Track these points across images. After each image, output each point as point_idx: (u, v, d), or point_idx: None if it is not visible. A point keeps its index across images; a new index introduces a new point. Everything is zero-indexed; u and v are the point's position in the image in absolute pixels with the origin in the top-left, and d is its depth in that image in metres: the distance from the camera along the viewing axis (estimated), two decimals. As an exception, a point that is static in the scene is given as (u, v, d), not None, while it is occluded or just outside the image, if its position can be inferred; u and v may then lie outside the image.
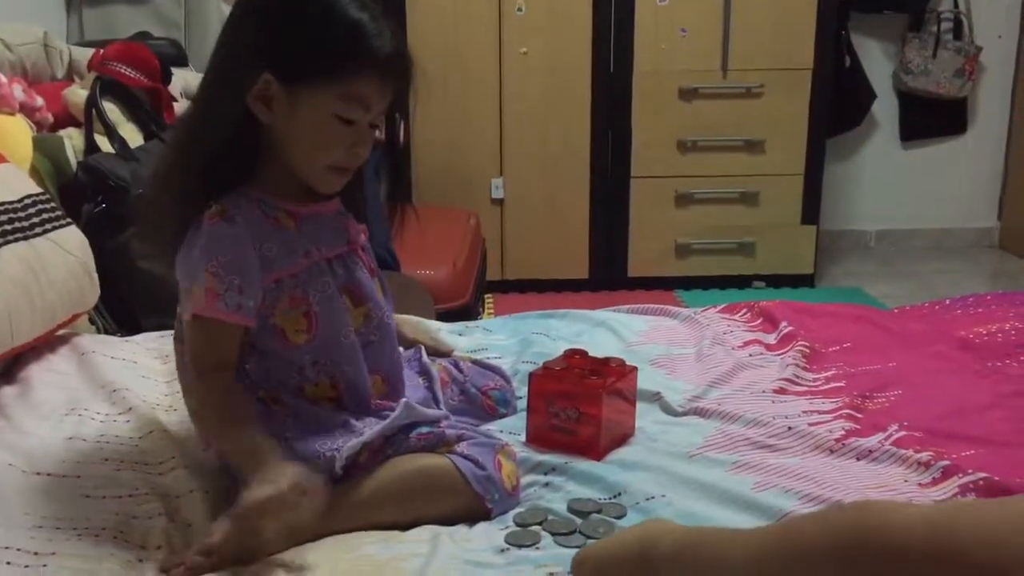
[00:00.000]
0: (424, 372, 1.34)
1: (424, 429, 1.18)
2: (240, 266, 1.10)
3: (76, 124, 2.03)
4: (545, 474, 1.22)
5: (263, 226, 1.13)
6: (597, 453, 1.25)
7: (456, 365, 1.39)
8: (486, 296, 3.29)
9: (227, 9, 2.89)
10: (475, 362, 1.42)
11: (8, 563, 0.99)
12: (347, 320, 1.18)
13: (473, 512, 1.12)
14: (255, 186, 1.15)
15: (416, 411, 1.19)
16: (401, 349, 1.31)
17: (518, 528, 1.10)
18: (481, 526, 1.12)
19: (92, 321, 1.80)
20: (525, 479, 1.21)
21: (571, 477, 1.21)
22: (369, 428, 1.14)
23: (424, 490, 1.12)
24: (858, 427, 1.34)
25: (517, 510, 1.14)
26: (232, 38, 1.13)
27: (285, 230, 1.15)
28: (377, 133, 1.17)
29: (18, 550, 1.02)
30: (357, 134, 1.13)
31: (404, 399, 1.20)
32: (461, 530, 1.10)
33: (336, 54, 1.09)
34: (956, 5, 3.87)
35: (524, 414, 1.33)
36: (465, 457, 1.14)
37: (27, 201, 1.58)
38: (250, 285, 1.11)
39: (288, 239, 1.14)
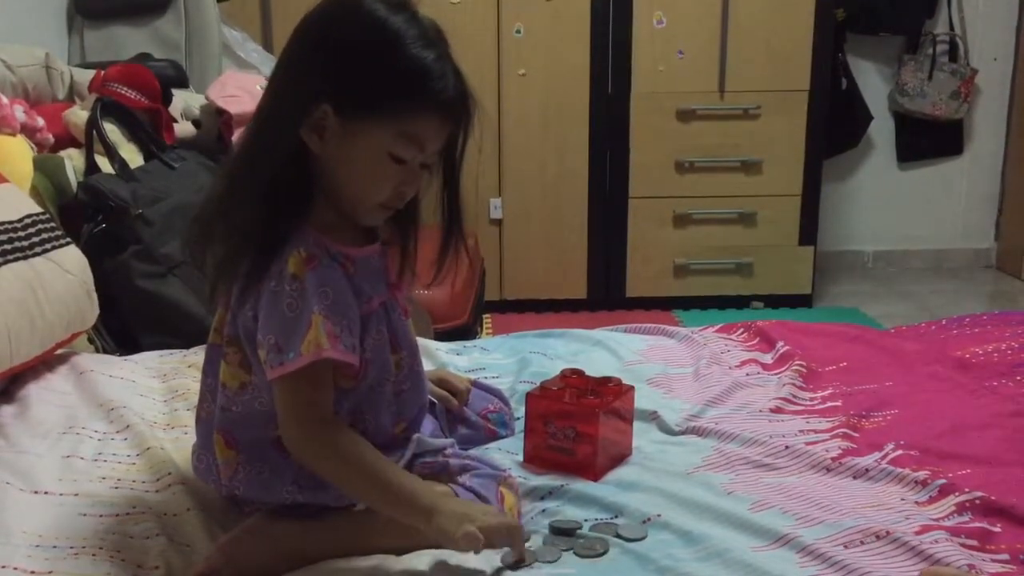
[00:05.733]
0: (431, 403, 1.33)
1: (428, 458, 1.18)
2: (346, 307, 1.08)
3: (77, 145, 2.04)
4: (541, 499, 1.21)
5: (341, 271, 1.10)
6: (594, 472, 1.25)
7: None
8: (484, 316, 3.30)
9: (228, 32, 2.92)
10: (473, 383, 1.43)
11: (5, 582, 0.99)
12: (391, 369, 1.16)
13: None
14: (313, 227, 1.09)
15: (424, 442, 1.19)
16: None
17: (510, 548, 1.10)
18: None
19: (91, 340, 1.80)
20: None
21: (568, 501, 1.20)
22: None
23: None
24: (855, 446, 1.34)
25: None
26: (292, 66, 1.09)
27: (351, 275, 1.11)
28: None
29: (15, 568, 1.02)
30: (407, 174, 1.10)
31: (417, 435, 1.20)
32: (456, 553, 1.09)
33: (398, 93, 1.05)
34: (952, 27, 3.90)
35: (522, 434, 1.33)
36: (468, 489, 1.14)
37: (27, 221, 1.58)
38: (355, 325, 1.09)
39: (354, 284, 1.11)
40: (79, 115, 2.05)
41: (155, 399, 1.51)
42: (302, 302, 1.04)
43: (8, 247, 1.50)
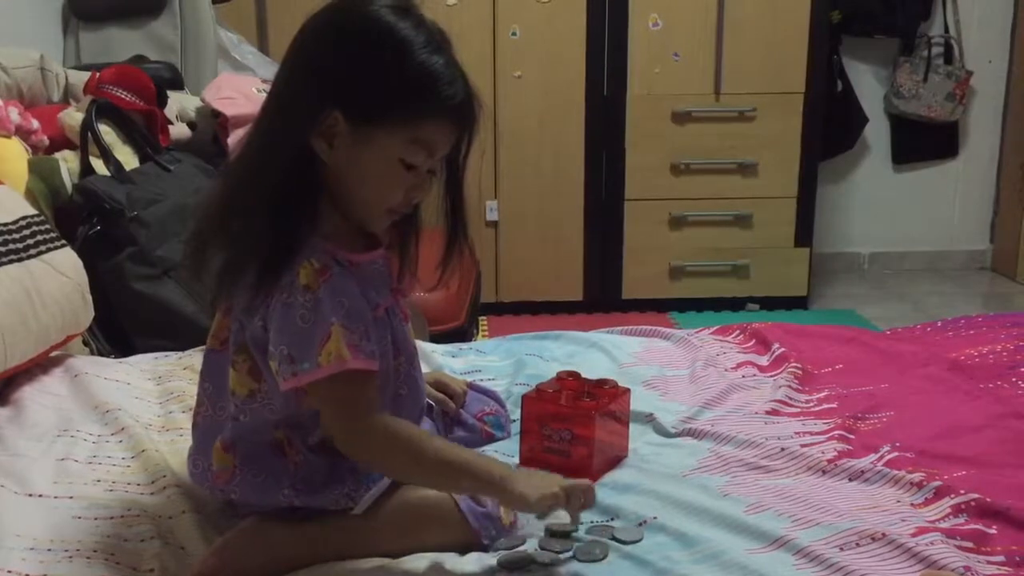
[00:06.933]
0: (428, 406, 1.33)
1: None
2: (361, 314, 1.07)
3: (72, 147, 2.03)
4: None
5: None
6: (591, 474, 1.25)
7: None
8: (480, 318, 3.29)
9: (223, 34, 2.92)
10: (470, 385, 1.42)
11: (-1, 585, 0.99)
12: (390, 374, 1.15)
13: (469, 545, 1.12)
14: (318, 234, 1.07)
15: None
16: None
17: (507, 551, 1.10)
18: (474, 553, 1.11)
19: (86, 342, 1.80)
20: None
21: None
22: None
23: (422, 522, 1.12)
24: (850, 448, 1.34)
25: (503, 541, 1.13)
26: (298, 72, 1.07)
27: (358, 282, 1.10)
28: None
29: (9, 572, 1.02)
30: (417, 179, 1.09)
31: None
32: (453, 557, 1.10)
33: (410, 100, 1.05)
34: (947, 30, 3.90)
35: (518, 436, 1.33)
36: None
37: (22, 223, 1.58)
38: (371, 330, 1.08)
39: (362, 291, 1.10)
40: (74, 117, 2.04)
41: (150, 401, 1.51)
42: (316, 313, 1.03)
43: (3, 249, 1.49)
